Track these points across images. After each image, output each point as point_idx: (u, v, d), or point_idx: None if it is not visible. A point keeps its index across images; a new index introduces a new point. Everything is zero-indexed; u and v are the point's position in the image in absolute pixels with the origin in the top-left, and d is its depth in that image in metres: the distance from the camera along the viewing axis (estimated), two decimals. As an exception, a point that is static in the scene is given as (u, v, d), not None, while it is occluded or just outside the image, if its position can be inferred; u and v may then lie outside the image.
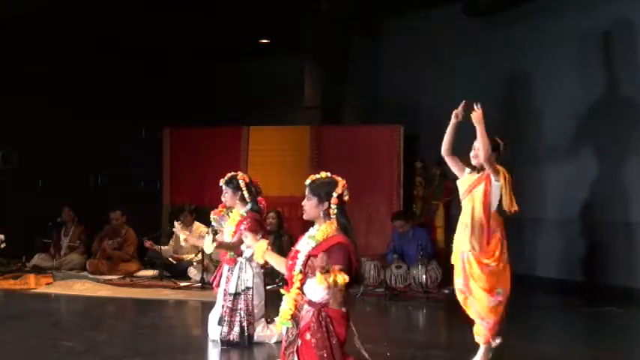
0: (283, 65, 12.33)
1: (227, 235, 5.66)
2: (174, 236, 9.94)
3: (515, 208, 4.84)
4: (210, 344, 5.68)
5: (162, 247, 9.62)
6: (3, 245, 9.35)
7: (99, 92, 11.35)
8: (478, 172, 4.90)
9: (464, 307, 5.02)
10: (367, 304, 7.85)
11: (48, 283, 8.74)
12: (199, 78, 13.06)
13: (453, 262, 5.04)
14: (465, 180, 4.98)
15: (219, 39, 11.83)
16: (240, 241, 5.22)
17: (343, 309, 3.55)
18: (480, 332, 4.94)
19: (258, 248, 3.81)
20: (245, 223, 5.46)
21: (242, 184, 5.55)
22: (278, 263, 3.78)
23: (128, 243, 9.98)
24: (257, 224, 5.48)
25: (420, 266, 8.12)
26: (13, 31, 10.38)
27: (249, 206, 5.58)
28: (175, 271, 9.35)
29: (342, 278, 3.29)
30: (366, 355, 3.69)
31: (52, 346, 5.56)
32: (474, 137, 4.84)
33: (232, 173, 5.67)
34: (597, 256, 8.65)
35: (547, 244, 9.29)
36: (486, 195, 4.81)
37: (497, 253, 4.82)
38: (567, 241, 9.05)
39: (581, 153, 8.93)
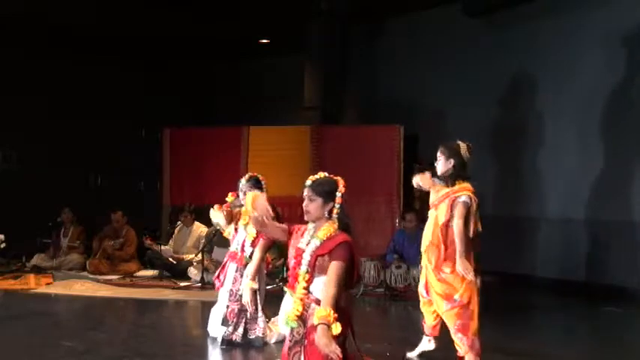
0: (283, 65, 12.32)
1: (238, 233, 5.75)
2: (174, 236, 9.96)
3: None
4: (210, 344, 5.68)
5: (163, 247, 9.62)
6: (3, 245, 9.36)
7: (99, 92, 11.36)
8: (447, 186, 4.91)
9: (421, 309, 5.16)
10: (367, 304, 7.85)
11: (48, 283, 8.73)
12: (199, 78, 13.05)
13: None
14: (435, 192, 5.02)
15: (218, 39, 11.83)
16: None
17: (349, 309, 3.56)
18: (459, 346, 4.90)
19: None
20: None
21: (263, 184, 5.70)
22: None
23: (129, 243, 9.97)
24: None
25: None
26: (13, 31, 10.39)
27: None
28: (175, 271, 9.34)
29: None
30: (362, 354, 3.69)
31: (52, 346, 5.55)
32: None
33: (251, 174, 5.83)
34: (597, 256, 8.65)
35: (547, 243, 9.28)
36: (447, 212, 4.83)
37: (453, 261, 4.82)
38: (568, 240, 9.05)
39: (582, 153, 8.93)
